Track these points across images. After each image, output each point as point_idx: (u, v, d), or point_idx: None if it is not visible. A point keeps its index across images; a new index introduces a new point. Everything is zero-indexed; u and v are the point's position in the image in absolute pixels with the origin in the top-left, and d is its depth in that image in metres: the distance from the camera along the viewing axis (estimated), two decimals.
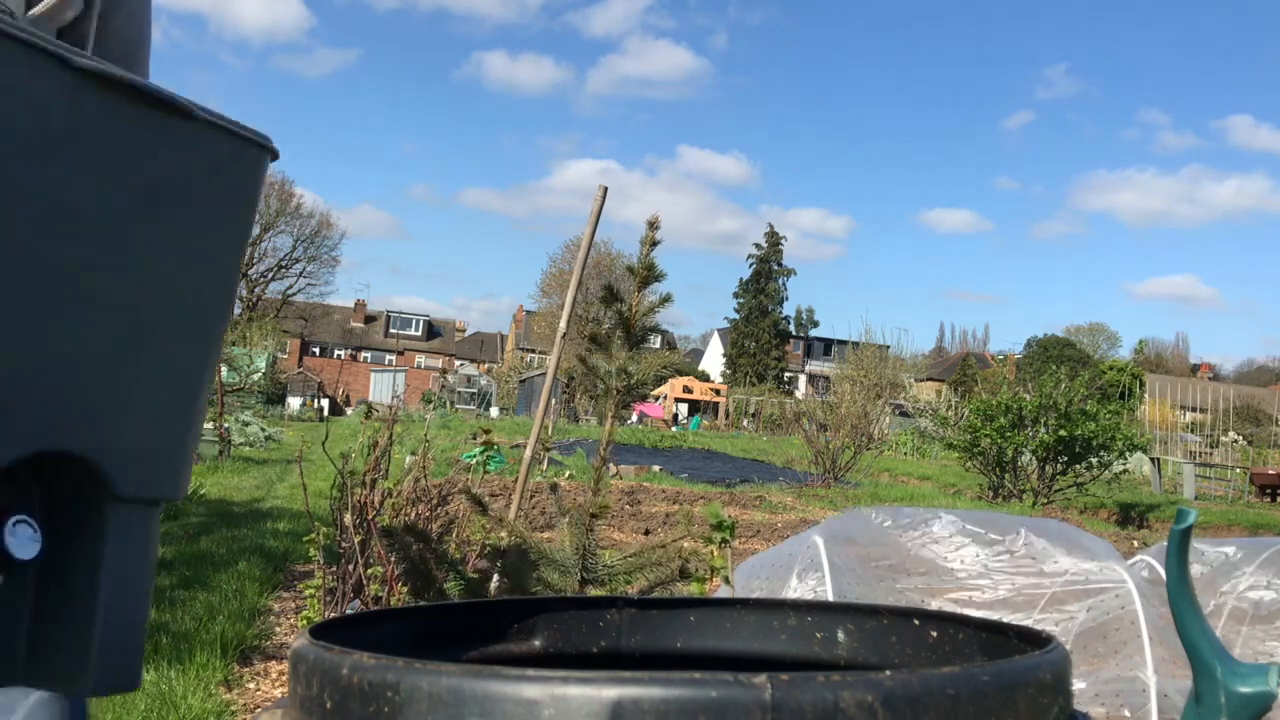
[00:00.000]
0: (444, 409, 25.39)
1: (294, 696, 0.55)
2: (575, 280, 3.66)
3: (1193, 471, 18.03)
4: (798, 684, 0.44)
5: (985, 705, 0.46)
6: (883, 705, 0.44)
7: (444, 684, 0.47)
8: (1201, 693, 0.64)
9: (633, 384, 2.69)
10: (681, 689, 0.44)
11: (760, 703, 0.43)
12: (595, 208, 3.59)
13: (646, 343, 5.95)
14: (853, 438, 15.08)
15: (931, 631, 0.74)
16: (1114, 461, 14.14)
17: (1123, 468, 15.29)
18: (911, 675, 0.45)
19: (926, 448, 23.08)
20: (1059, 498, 13.77)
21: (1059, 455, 13.80)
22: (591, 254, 4.22)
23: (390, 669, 0.49)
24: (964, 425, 15.24)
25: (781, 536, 7.99)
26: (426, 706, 0.47)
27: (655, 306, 2.79)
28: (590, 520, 2.70)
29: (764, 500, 11.03)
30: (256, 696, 3.35)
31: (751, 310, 60.82)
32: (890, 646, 0.76)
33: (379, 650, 0.52)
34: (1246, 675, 0.63)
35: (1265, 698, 0.62)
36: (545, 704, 0.45)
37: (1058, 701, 0.51)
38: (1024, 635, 0.66)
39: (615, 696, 0.44)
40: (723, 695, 0.44)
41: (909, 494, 13.67)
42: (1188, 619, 0.66)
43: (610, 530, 7.79)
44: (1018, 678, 0.49)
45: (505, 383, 37.74)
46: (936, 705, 0.45)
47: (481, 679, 0.46)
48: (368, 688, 0.49)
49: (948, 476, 17.05)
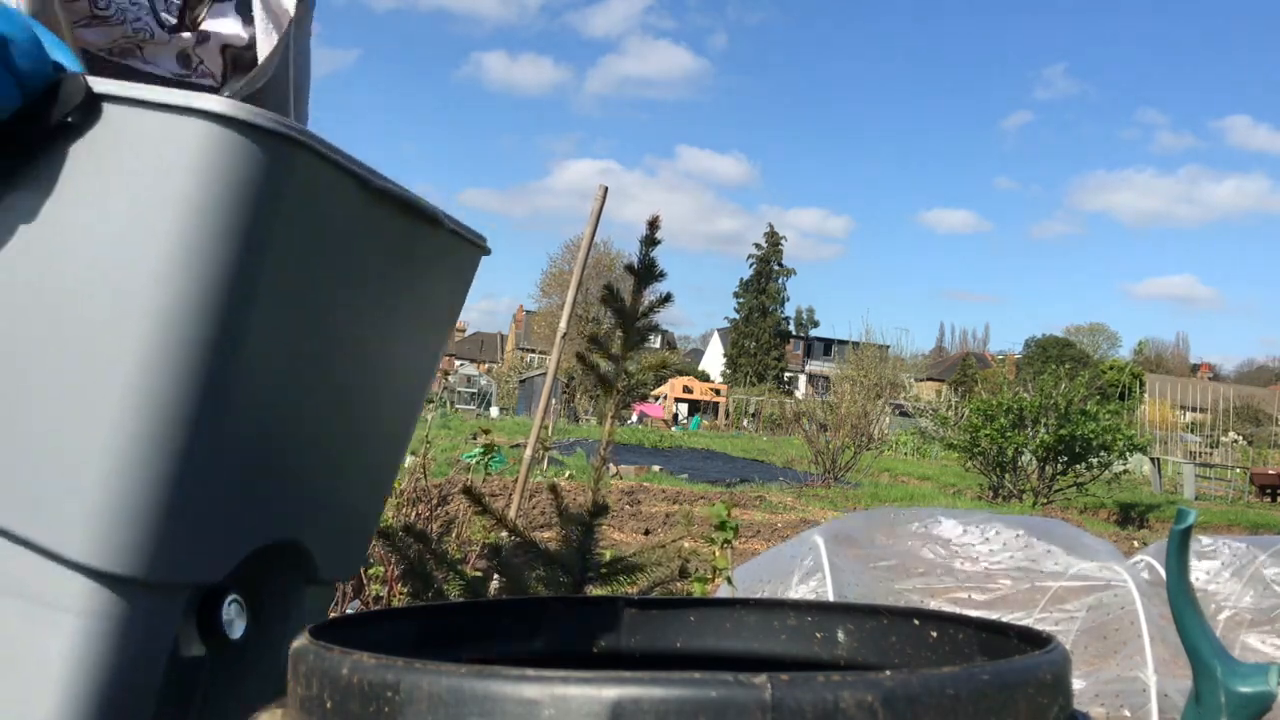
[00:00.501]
0: (444, 409, 25.38)
1: (294, 696, 0.55)
2: (575, 280, 3.66)
3: (1193, 471, 18.02)
4: (798, 684, 0.44)
5: (985, 705, 0.46)
6: (883, 705, 0.44)
7: (444, 684, 0.47)
8: (1201, 693, 0.64)
9: (633, 384, 2.69)
10: (681, 689, 0.44)
11: (760, 703, 0.43)
12: (595, 207, 3.59)
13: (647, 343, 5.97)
14: (853, 438, 15.07)
15: (931, 631, 0.74)
16: (1114, 462, 14.12)
17: (1123, 468, 15.28)
18: (911, 675, 0.45)
19: (926, 448, 23.08)
20: (1059, 498, 13.76)
21: (1059, 455, 13.79)
22: (591, 254, 4.22)
23: (390, 669, 0.49)
24: (964, 425, 15.23)
25: (781, 536, 7.99)
26: (426, 706, 0.47)
27: (656, 306, 2.78)
28: (590, 520, 2.70)
29: (764, 500, 11.03)
30: None
31: (752, 310, 60.80)
32: (890, 646, 0.76)
33: (379, 650, 0.52)
34: (1246, 675, 0.63)
35: (1265, 698, 0.62)
36: (545, 704, 0.45)
37: (1057, 701, 0.51)
38: (1024, 635, 0.66)
39: (615, 696, 0.44)
40: (723, 695, 0.44)
41: (909, 494, 13.67)
42: (1188, 619, 0.66)
43: (610, 530, 7.79)
44: (1018, 678, 0.49)
45: (505, 383, 37.74)
46: (936, 705, 0.45)
47: (481, 679, 0.46)
48: (368, 687, 0.49)
49: (948, 476, 17.04)
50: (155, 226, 0.64)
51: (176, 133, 0.64)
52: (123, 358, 0.64)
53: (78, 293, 0.65)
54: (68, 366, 0.65)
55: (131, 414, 0.64)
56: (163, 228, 0.64)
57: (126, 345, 0.64)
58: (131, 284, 0.65)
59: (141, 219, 0.65)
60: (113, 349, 0.65)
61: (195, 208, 0.64)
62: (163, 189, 0.64)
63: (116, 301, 0.65)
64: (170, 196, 0.64)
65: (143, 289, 0.64)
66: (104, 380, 0.65)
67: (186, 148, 0.63)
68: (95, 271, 0.65)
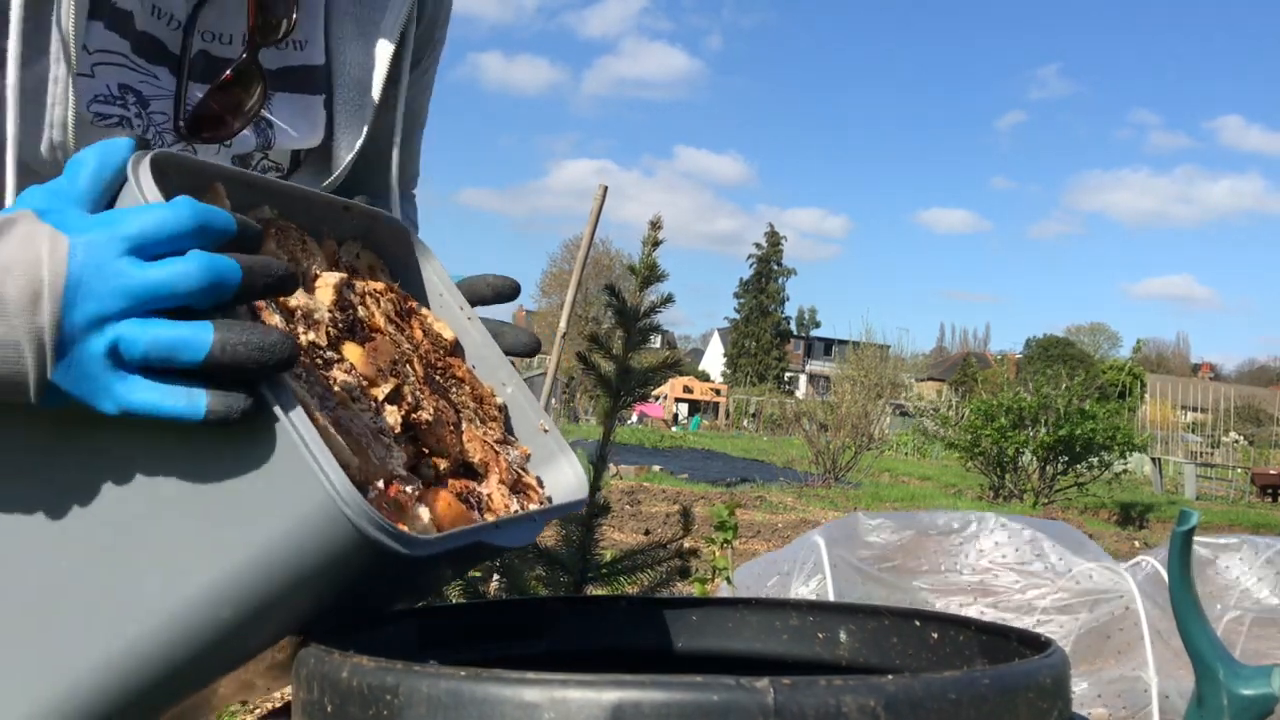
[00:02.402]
0: None
1: (295, 700, 0.55)
2: (575, 280, 3.67)
3: (1194, 472, 18.03)
4: (800, 688, 0.44)
5: (985, 709, 0.47)
6: (885, 709, 0.44)
7: (443, 687, 0.47)
8: (1204, 694, 0.64)
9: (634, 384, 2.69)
10: (683, 692, 0.44)
11: (762, 706, 0.43)
12: (595, 207, 3.59)
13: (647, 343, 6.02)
14: (853, 438, 15.09)
15: (932, 633, 0.74)
16: (1115, 462, 14.13)
17: (1123, 468, 15.29)
18: (913, 680, 0.45)
19: (927, 448, 23.09)
20: (1060, 498, 13.77)
21: (1060, 455, 13.80)
22: (591, 253, 4.22)
23: (390, 672, 0.49)
24: (965, 425, 15.24)
25: (782, 536, 8.00)
26: (426, 710, 0.47)
27: (658, 306, 2.79)
28: (590, 520, 2.70)
29: (764, 500, 11.04)
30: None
31: (752, 310, 60.84)
32: (892, 648, 0.76)
33: (380, 653, 0.52)
34: (1249, 677, 0.63)
35: (1268, 700, 0.62)
36: (545, 707, 0.45)
37: (1057, 705, 0.51)
38: (1024, 638, 0.66)
39: (616, 699, 0.44)
40: (724, 699, 0.44)
41: (909, 494, 13.68)
42: (1190, 621, 0.66)
43: (610, 530, 7.80)
44: (1018, 682, 0.49)
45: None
46: (938, 709, 0.45)
47: (481, 682, 0.46)
48: (367, 691, 0.49)
49: (948, 476, 17.06)
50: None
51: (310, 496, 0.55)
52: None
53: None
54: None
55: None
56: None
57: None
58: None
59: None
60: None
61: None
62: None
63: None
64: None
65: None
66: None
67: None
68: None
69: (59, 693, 0.59)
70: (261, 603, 0.56)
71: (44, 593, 0.60)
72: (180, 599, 0.57)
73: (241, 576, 0.56)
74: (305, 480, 0.54)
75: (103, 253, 0.53)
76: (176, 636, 0.57)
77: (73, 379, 0.54)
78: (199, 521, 0.57)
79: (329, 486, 0.53)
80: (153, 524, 0.58)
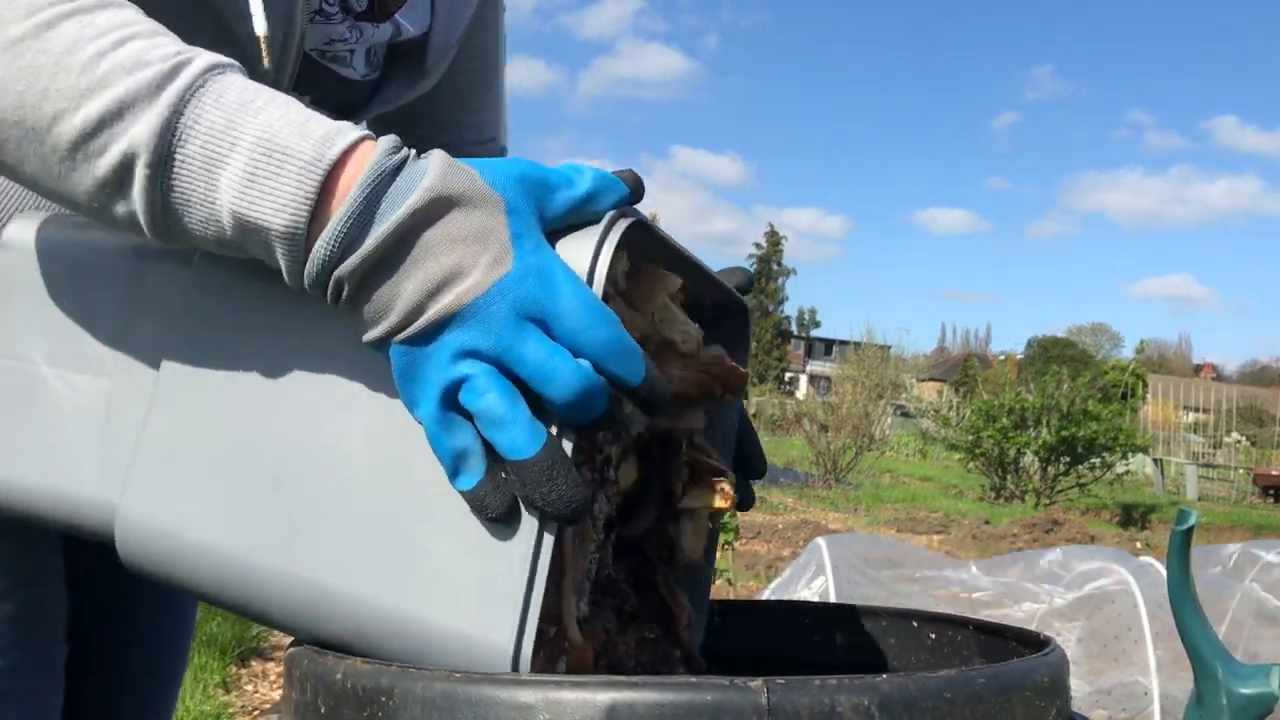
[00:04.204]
0: None
1: (289, 701, 0.55)
2: None
3: (1195, 472, 18.00)
4: (794, 688, 0.44)
5: (981, 709, 0.46)
6: (879, 709, 0.44)
7: (437, 689, 0.47)
8: (1203, 694, 0.64)
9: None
10: (676, 693, 0.44)
11: (756, 707, 0.43)
12: None
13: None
14: (854, 438, 15.06)
15: (930, 633, 0.74)
16: (1116, 462, 14.11)
17: (1125, 468, 15.27)
18: (907, 679, 0.45)
19: (928, 448, 23.06)
20: (1061, 498, 13.75)
21: (1061, 456, 13.78)
22: None
23: (384, 674, 0.49)
24: (966, 426, 15.22)
25: (782, 537, 7.99)
26: (420, 711, 0.47)
27: None
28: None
29: (764, 501, 11.03)
30: (255, 699, 3.35)
31: (752, 310, 60.73)
32: (889, 648, 0.76)
33: None
34: (1248, 677, 0.62)
35: (1268, 699, 0.61)
36: (539, 708, 0.45)
37: (1055, 704, 0.51)
38: (1022, 638, 0.66)
39: (610, 701, 0.44)
40: (718, 699, 0.44)
41: (910, 495, 13.66)
42: (1189, 620, 0.65)
43: None
44: (1014, 681, 0.49)
45: None
46: (933, 709, 0.45)
47: (475, 683, 0.46)
48: (361, 693, 0.49)
49: (949, 477, 17.03)
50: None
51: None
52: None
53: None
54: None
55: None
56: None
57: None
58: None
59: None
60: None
61: None
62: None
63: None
64: None
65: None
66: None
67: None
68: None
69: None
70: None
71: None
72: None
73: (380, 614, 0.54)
74: (500, 616, 0.50)
75: (517, 302, 0.49)
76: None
77: (406, 359, 0.50)
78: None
79: (509, 652, 0.50)
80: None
